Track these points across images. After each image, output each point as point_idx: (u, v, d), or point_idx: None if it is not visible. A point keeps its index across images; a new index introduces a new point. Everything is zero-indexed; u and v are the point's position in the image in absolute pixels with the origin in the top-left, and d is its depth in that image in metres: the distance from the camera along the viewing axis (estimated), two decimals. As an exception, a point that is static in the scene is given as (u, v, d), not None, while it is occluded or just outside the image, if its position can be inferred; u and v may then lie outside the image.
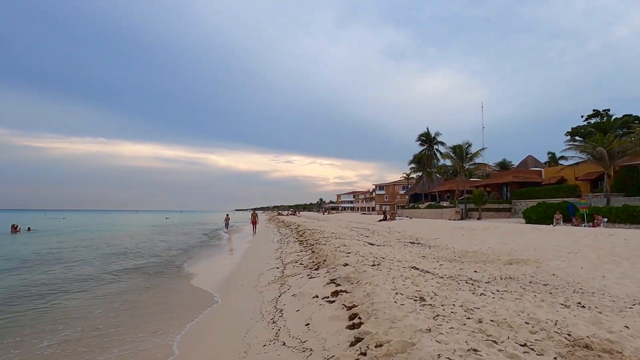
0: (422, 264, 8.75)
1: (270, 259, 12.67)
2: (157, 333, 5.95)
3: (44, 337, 5.97)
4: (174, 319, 6.73)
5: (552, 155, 66.06)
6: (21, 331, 6.30)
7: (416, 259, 9.75)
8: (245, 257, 14.71)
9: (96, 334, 6.07)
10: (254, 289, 8.18)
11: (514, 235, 15.16)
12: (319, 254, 10.38)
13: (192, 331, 5.96)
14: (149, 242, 23.76)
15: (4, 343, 5.74)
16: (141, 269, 12.79)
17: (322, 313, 5.12)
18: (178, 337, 5.74)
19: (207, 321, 6.46)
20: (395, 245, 13.80)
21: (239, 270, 11.64)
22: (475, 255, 10.87)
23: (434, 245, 14.12)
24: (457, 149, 49.73)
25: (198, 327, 6.15)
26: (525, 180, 46.27)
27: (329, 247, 11.41)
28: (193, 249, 19.96)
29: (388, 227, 25.63)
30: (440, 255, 10.99)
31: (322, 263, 9.08)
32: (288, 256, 12.35)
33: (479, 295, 5.41)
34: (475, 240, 14.65)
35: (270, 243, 19.68)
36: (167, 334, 5.88)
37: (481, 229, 17.99)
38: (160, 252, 18.25)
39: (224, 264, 13.83)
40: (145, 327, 6.33)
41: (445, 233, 18.29)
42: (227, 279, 10.40)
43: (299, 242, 16.03)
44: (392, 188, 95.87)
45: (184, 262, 14.57)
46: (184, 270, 12.47)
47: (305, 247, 13.71)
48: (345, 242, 13.02)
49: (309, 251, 12.07)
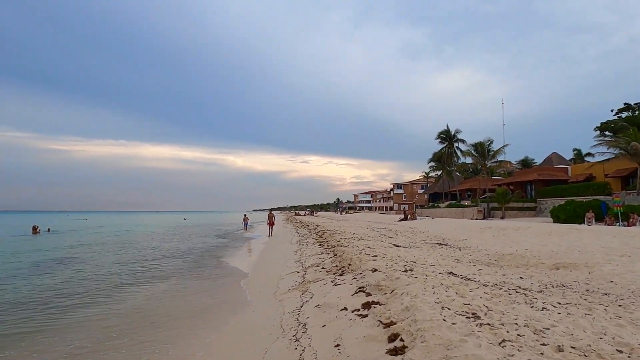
0: (458, 269, 7.87)
1: (290, 262, 11.97)
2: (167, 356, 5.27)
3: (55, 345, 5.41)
4: (185, 332, 6.07)
5: (578, 152, 63.53)
6: (18, 343, 5.74)
7: (450, 263, 8.87)
8: (262, 260, 14.06)
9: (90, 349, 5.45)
10: (273, 297, 7.47)
11: (550, 235, 14.05)
12: (343, 257, 9.61)
13: (209, 351, 5.24)
14: (163, 244, 23.40)
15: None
16: (145, 279, 11.62)
17: (354, 330, 4.34)
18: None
19: (222, 337, 5.75)
20: (423, 247, 12.90)
21: (257, 274, 10.97)
22: (514, 258, 9.90)
23: (463, 247, 13.16)
24: (479, 147, 48.15)
25: (216, 345, 5.43)
26: (550, 178, 44.46)
27: (352, 250, 10.62)
28: (208, 251, 19.44)
29: (410, 227, 24.65)
30: (475, 259, 10.08)
31: (346, 267, 8.30)
32: (308, 259, 11.63)
33: (541, 310, 4.54)
34: (508, 241, 13.61)
35: (288, 244, 19.02)
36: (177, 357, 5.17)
37: (512, 229, 16.88)
38: (175, 253, 17.78)
39: (241, 266, 13.20)
40: (154, 347, 5.67)
41: (473, 233, 17.26)
42: (244, 283, 9.74)
43: (319, 244, 15.29)
44: (411, 187, 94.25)
45: (196, 266, 14.00)
46: (194, 277, 11.84)
47: (326, 249, 12.96)
48: (369, 243, 12.20)
49: (331, 254, 11.31)
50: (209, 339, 5.58)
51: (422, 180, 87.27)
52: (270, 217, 27.56)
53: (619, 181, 37.26)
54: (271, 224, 26.98)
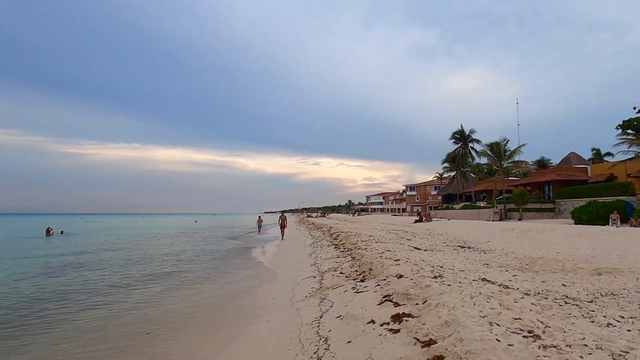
0: (491, 275, 7.19)
1: (305, 266, 11.39)
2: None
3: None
4: (200, 341, 5.53)
5: (597, 151, 61.67)
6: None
7: (479, 267, 8.17)
8: (276, 263, 13.50)
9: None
10: (289, 305, 6.89)
11: (579, 238, 13.19)
12: (362, 261, 8.99)
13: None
14: (174, 247, 23.02)
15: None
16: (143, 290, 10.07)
17: (387, 349, 3.73)
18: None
19: (234, 352, 5.19)
20: (445, 250, 12.18)
21: (266, 282, 10.41)
22: (547, 262, 9.15)
23: (488, 250, 12.40)
24: (495, 147, 46.95)
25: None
26: (569, 178, 43.06)
27: (371, 253, 9.99)
28: (220, 255, 18.98)
29: (426, 229, 23.87)
30: (504, 263, 9.35)
31: (367, 273, 7.68)
32: (324, 263, 11.03)
33: (606, 326, 3.88)
34: (536, 244, 12.80)
35: (302, 247, 18.46)
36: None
37: (536, 231, 16.03)
38: (187, 257, 17.36)
39: (254, 271, 12.68)
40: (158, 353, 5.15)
41: (495, 235, 16.44)
42: (258, 291, 9.19)
43: (334, 246, 14.68)
44: (424, 189, 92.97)
45: (206, 271, 13.52)
46: (206, 281, 11.29)
47: (342, 252, 12.34)
48: (388, 246, 11.56)
49: (348, 257, 10.70)
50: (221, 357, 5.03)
51: (436, 182, 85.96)
52: (282, 220, 26.64)
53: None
54: (283, 226, 26.11)
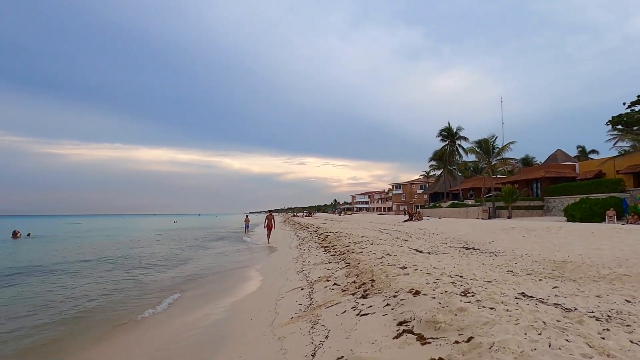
0: (527, 287, 5.70)
1: (290, 273, 9.77)
2: None
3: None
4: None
5: (582, 149, 61.80)
6: None
7: (506, 276, 6.69)
8: (257, 269, 11.82)
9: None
10: (270, 331, 5.24)
11: (594, 237, 11.93)
12: (360, 269, 7.41)
13: None
14: (142, 251, 20.98)
15: None
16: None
17: None
18: None
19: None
20: (450, 252, 10.71)
21: (246, 293, 8.74)
22: (578, 268, 7.74)
23: (497, 252, 10.99)
24: (483, 143, 46.13)
25: None
26: (558, 175, 42.63)
27: (369, 258, 8.44)
28: (192, 259, 17.20)
29: (419, 229, 22.51)
30: (528, 268, 7.90)
31: (369, 285, 6.10)
32: (313, 269, 9.42)
33: None
34: (549, 245, 11.47)
35: (287, 249, 16.82)
36: None
37: (541, 230, 14.78)
38: (155, 262, 15.52)
39: (229, 279, 10.99)
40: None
41: (498, 235, 15.12)
42: (231, 305, 7.51)
43: (324, 249, 13.08)
44: (410, 187, 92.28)
45: (173, 279, 11.75)
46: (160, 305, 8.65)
47: (333, 255, 10.74)
48: (386, 249, 10.02)
49: (342, 262, 9.11)
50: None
51: (422, 180, 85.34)
52: (269, 220, 23.26)
53: (632, 178, 35.49)
54: (270, 227, 22.84)
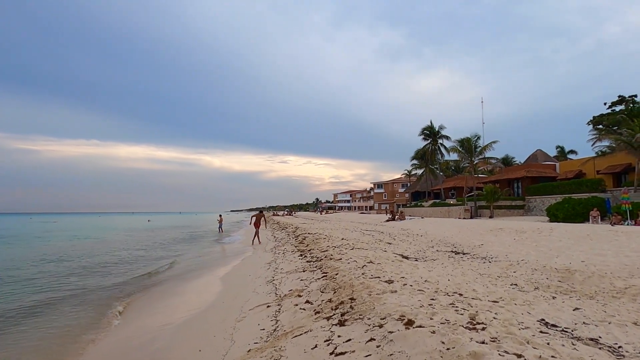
0: (543, 309, 4.62)
1: (259, 282, 8.51)
2: None
3: None
4: None
5: (561, 149, 62.53)
6: None
7: (512, 292, 5.60)
8: (222, 279, 10.45)
9: None
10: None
11: (590, 239, 11.10)
12: (337, 282, 6.22)
13: None
14: (101, 253, 19.32)
15: None
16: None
17: None
18: None
19: None
20: (439, 257, 9.64)
21: (205, 306, 7.41)
22: (589, 279, 6.74)
23: (490, 257, 9.99)
24: (466, 142, 45.70)
25: None
26: (539, 175, 42.69)
27: (348, 267, 7.27)
28: (152, 263, 15.74)
29: (402, 229, 21.54)
30: (529, 278, 6.87)
31: (348, 305, 4.91)
32: (286, 278, 8.17)
33: None
34: (544, 249, 10.56)
35: (262, 252, 15.53)
36: None
37: (532, 231, 13.95)
38: (108, 270, 13.99)
39: (184, 292, 9.63)
40: None
41: (486, 237, 14.21)
42: (180, 326, 6.18)
43: (300, 253, 11.85)
44: (392, 186, 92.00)
45: (118, 289, 10.32)
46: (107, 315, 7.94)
47: (309, 262, 9.52)
48: (368, 254, 8.88)
49: (318, 272, 7.90)
50: None
51: (403, 179, 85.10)
52: (258, 218, 19.99)
53: (611, 178, 35.60)
54: (257, 225, 19.81)
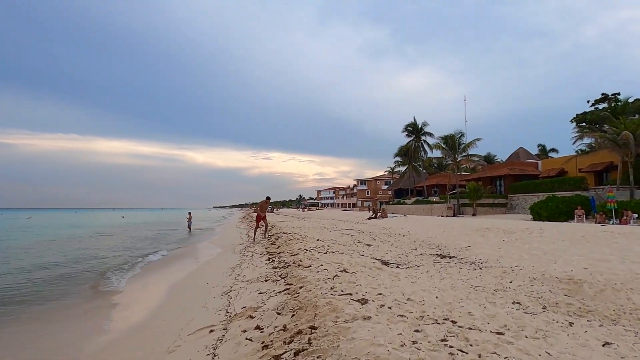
0: (563, 346, 3.48)
1: (213, 294, 7.19)
2: None
3: None
4: None
5: (543, 147, 62.85)
6: None
7: (517, 315, 4.45)
8: (172, 288, 9.06)
9: None
10: None
11: (590, 242, 10.14)
12: (300, 300, 4.94)
13: None
14: (51, 254, 17.61)
15: None
16: None
17: None
18: None
19: None
20: (424, 263, 8.47)
21: (139, 323, 6.05)
22: (601, 293, 5.64)
23: (480, 262, 8.89)
24: (449, 140, 45.14)
25: None
26: (521, 173, 42.55)
27: (317, 277, 6.01)
28: (99, 269, 14.23)
29: (384, 228, 20.46)
30: (531, 291, 5.75)
31: (306, 337, 3.65)
32: (244, 290, 6.86)
33: None
34: (538, 252, 9.53)
35: (230, 253, 14.14)
36: None
37: (521, 232, 13.00)
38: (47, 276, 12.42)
39: (124, 305, 8.24)
40: None
41: (473, 238, 13.18)
42: (90, 355, 4.82)
43: (268, 256, 10.53)
44: (374, 183, 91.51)
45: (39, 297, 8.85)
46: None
47: (275, 268, 8.21)
48: (342, 260, 7.64)
49: (281, 281, 6.61)
50: None
51: (387, 176, 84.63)
52: (263, 208, 16.02)
53: (593, 176, 35.52)
54: (260, 219, 15.90)
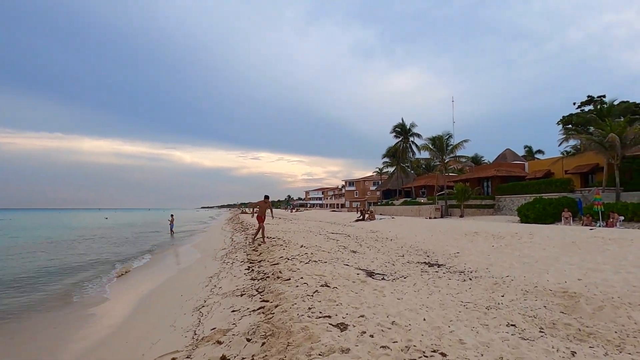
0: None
1: (185, 309, 6.63)
2: None
3: None
4: None
5: (529, 148, 63.36)
6: None
7: (514, 343, 4.02)
8: (143, 302, 8.44)
9: None
10: None
11: (581, 249, 9.84)
12: (274, 323, 4.43)
13: None
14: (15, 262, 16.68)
15: None
16: None
17: None
18: None
19: None
20: (411, 273, 8.03)
21: (96, 346, 5.47)
22: (600, 311, 5.21)
23: (469, 271, 8.50)
24: (437, 141, 44.98)
25: None
26: (508, 174, 42.69)
27: (296, 293, 5.51)
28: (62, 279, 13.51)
29: (371, 231, 20.06)
30: (525, 308, 5.34)
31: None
32: (217, 306, 6.31)
33: None
34: (528, 259, 9.18)
35: (211, 260, 13.53)
36: None
37: (510, 237, 12.70)
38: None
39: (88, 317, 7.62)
40: None
41: (461, 243, 12.83)
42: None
43: (249, 265, 9.98)
44: (363, 184, 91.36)
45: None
46: None
47: (254, 279, 7.67)
48: (325, 271, 7.15)
49: (257, 296, 6.07)
50: None
51: (375, 177, 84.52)
52: (263, 209, 14.37)
53: (579, 178, 35.72)
54: (261, 219, 14.32)
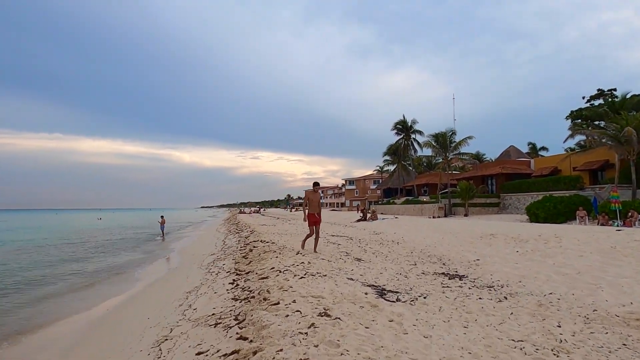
0: None
1: (142, 345, 5.14)
2: None
3: None
4: None
5: (533, 145, 61.86)
6: None
7: None
8: (101, 319, 6.98)
9: None
10: None
11: (626, 256, 8.38)
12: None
13: None
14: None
15: None
16: None
17: None
18: None
19: None
20: (431, 291, 6.50)
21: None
22: None
23: (498, 286, 6.99)
24: (440, 137, 43.47)
25: None
26: (514, 171, 41.21)
27: (284, 328, 3.98)
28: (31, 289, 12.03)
29: (374, 233, 18.55)
30: (603, 350, 3.89)
31: None
32: (183, 340, 4.81)
33: None
34: (568, 270, 7.67)
35: (196, 268, 12.03)
36: None
37: (534, 240, 11.18)
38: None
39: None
40: None
41: (480, 247, 11.32)
42: None
43: (234, 277, 8.46)
44: (363, 183, 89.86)
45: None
46: None
47: (235, 299, 6.16)
48: (323, 292, 5.64)
49: (234, 331, 4.56)
50: None
51: (375, 176, 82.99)
52: (313, 204, 10.84)
53: (588, 174, 34.32)
54: (315, 221, 10.75)
